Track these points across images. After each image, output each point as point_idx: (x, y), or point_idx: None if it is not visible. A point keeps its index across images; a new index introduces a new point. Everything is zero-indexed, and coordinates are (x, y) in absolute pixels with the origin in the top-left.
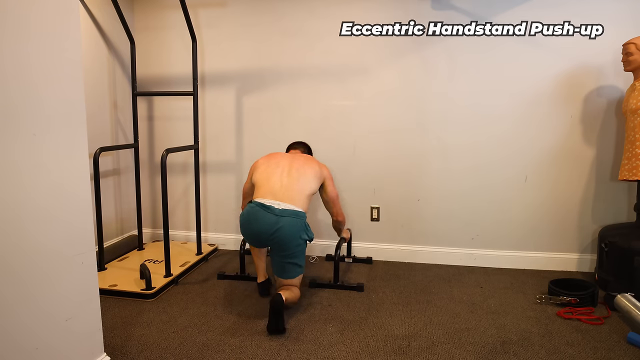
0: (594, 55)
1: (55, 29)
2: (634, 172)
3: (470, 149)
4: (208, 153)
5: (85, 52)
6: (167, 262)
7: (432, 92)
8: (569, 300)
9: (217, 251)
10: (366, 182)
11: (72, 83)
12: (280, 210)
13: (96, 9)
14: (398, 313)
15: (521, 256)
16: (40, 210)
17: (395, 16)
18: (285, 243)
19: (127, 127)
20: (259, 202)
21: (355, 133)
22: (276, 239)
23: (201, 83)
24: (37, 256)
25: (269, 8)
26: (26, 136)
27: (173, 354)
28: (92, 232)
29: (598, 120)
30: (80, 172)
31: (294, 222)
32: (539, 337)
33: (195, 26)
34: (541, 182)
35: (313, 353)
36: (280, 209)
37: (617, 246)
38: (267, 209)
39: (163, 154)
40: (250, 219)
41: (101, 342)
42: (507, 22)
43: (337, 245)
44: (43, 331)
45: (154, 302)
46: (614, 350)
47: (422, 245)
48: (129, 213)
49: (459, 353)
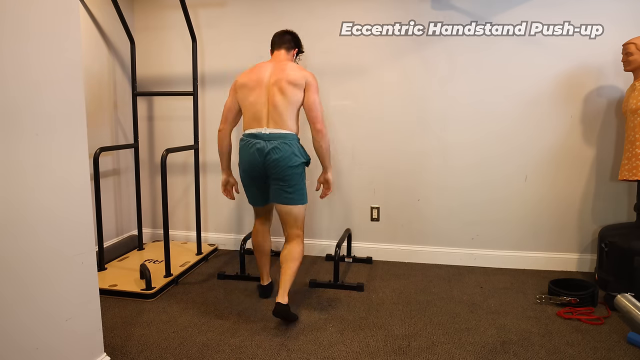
0: (594, 55)
1: (55, 29)
2: (634, 172)
3: (470, 148)
4: (208, 153)
5: (85, 52)
6: (167, 262)
7: (432, 92)
8: (569, 300)
9: (217, 251)
10: (366, 182)
11: (72, 83)
12: (268, 134)
13: (96, 9)
14: (398, 313)
15: (521, 256)
16: (41, 210)
17: (395, 16)
18: (278, 169)
19: (127, 127)
20: (248, 134)
21: (355, 133)
22: (269, 166)
23: (201, 83)
24: (37, 256)
25: (269, 8)
26: (29, 136)
27: (173, 354)
28: (92, 232)
29: (598, 120)
30: (81, 172)
31: (283, 146)
32: (539, 337)
33: (195, 26)
34: (541, 182)
35: (313, 353)
36: (267, 134)
37: (617, 246)
38: (255, 137)
39: (163, 154)
40: (242, 153)
41: (101, 342)
42: (507, 22)
43: (337, 244)
44: (43, 331)
45: (154, 302)
46: (614, 350)
47: (422, 245)
48: (129, 213)
49: (459, 353)
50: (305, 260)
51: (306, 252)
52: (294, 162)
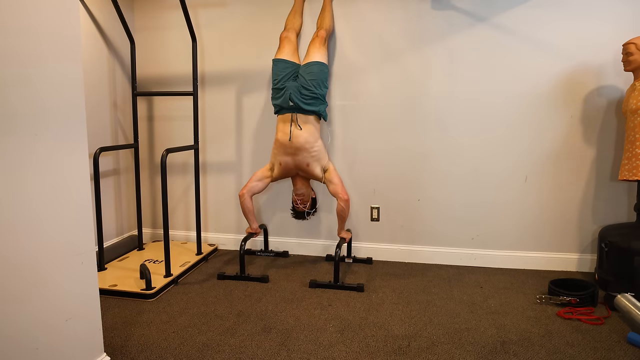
0: (594, 55)
1: (55, 29)
2: (634, 172)
3: (470, 148)
4: (208, 153)
5: (85, 52)
6: (167, 262)
7: (432, 91)
8: (569, 300)
9: (217, 251)
10: (366, 182)
11: (72, 83)
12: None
13: (96, 9)
14: (398, 313)
15: (521, 256)
16: (40, 210)
17: (395, 16)
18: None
19: (127, 127)
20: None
21: (355, 133)
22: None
23: (201, 83)
24: (37, 256)
25: (269, 8)
26: (28, 137)
27: (173, 354)
28: (92, 232)
29: (598, 120)
30: (80, 172)
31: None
32: (539, 337)
33: (195, 26)
34: (541, 181)
35: (313, 353)
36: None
37: (617, 246)
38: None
39: (163, 154)
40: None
41: (101, 342)
42: (507, 22)
43: (337, 245)
44: (43, 331)
45: (154, 302)
46: (614, 350)
47: (422, 245)
48: (129, 213)
49: (459, 353)
50: (305, 260)
51: (307, 252)
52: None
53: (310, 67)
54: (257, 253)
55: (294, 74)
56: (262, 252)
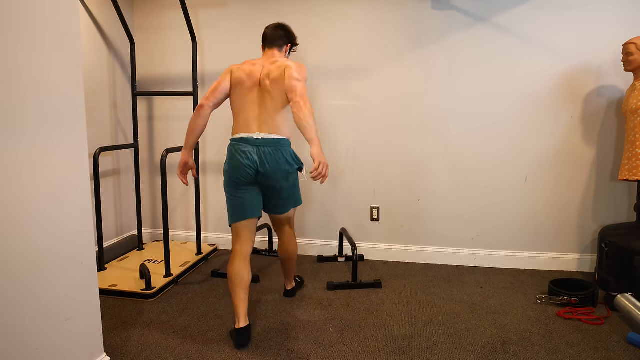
0: (594, 55)
1: (55, 29)
2: (634, 172)
3: (470, 148)
4: (208, 153)
5: (85, 52)
6: (167, 262)
7: (432, 91)
8: (569, 300)
9: (217, 251)
10: (366, 182)
11: (72, 83)
12: (261, 140)
13: (96, 9)
14: (398, 313)
15: (521, 256)
16: (40, 210)
17: (396, 16)
18: (272, 176)
19: (127, 127)
20: (237, 138)
21: (355, 133)
22: (261, 174)
23: (201, 83)
24: (37, 256)
25: (269, 8)
26: (28, 136)
27: (173, 354)
28: (92, 232)
29: (598, 120)
30: (80, 172)
31: (277, 154)
32: (539, 337)
33: (195, 26)
34: (541, 182)
35: (313, 353)
36: (260, 139)
37: (617, 246)
38: (246, 142)
39: (163, 154)
40: (231, 156)
41: (101, 342)
42: (507, 22)
43: (350, 244)
44: (43, 331)
45: (154, 302)
46: (614, 350)
47: (422, 245)
48: (128, 213)
49: (459, 353)
50: (305, 260)
51: (308, 252)
52: (288, 170)
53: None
54: (262, 253)
55: None
56: (267, 252)
